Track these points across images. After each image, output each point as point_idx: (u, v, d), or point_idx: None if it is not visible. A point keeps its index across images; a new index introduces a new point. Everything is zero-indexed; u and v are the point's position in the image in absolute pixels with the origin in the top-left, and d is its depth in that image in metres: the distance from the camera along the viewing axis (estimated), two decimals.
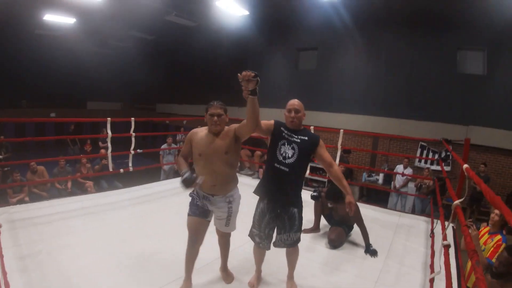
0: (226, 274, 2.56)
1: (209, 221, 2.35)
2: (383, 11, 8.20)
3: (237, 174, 2.50)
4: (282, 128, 2.28)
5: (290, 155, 2.19)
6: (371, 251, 3.21)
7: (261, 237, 2.32)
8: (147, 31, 12.04)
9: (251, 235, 2.38)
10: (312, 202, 3.68)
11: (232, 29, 10.42)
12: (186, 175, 2.03)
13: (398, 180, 7.74)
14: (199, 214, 2.27)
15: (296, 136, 2.24)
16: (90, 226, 3.38)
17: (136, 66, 15.09)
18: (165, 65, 15.10)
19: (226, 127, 2.25)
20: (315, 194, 3.65)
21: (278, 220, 2.28)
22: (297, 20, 9.76)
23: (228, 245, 2.52)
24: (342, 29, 9.25)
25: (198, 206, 2.28)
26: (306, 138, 2.25)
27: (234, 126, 2.24)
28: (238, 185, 2.39)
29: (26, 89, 13.28)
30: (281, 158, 2.21)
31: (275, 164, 2.22)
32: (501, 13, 6.91)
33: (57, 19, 9.53)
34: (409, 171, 7.51)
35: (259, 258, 2.47)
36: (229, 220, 2.35)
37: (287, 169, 2.19)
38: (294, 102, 2.29)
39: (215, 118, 2.15)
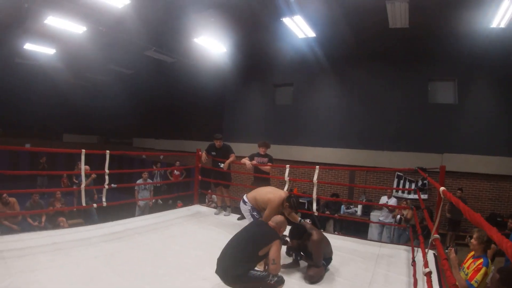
0: None
1: None
2: (355, 48, 8.64)
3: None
4: None
5: None
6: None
7: None
8: (126, 65, 12.09)
9: None
10: None
11: (210, 65, 10.63)
12: None
13: (383, 213, 7.64)
14: None
15: None
16: (59, 263, 3.14)
17: (114, 99, 14.92)
18: (143, 99, 15.04)
19: None
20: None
21: None
22: (273, 57, 10.12)
23: None
24: (316, 66, 9.64)
25: None
26: None
27: None
28: None
29: (1, 118, 12.84)
30: None
31: None
32: (469, 45, 7.42)
33: (37, 48, 9.47)
34: (393, 200, 7.54)
35: None
36: None
37: None
38: None
39: None
